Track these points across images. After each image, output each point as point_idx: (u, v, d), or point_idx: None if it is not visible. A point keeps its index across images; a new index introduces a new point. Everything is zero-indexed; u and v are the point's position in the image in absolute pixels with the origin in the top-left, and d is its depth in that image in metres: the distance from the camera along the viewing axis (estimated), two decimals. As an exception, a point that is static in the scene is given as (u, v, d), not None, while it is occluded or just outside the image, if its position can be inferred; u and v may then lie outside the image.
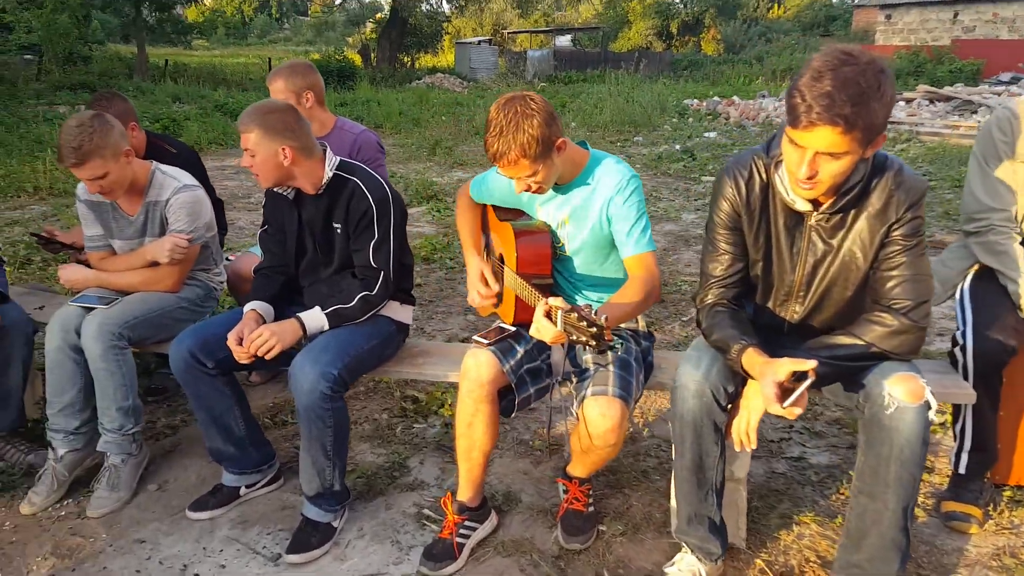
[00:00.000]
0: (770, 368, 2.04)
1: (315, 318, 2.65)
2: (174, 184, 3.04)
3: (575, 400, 2.44)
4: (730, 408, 2.28)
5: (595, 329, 1.95)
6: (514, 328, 2.60)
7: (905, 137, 13.34)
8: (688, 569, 2.44)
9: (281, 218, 2.85)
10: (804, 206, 2.15)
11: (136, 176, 3.00)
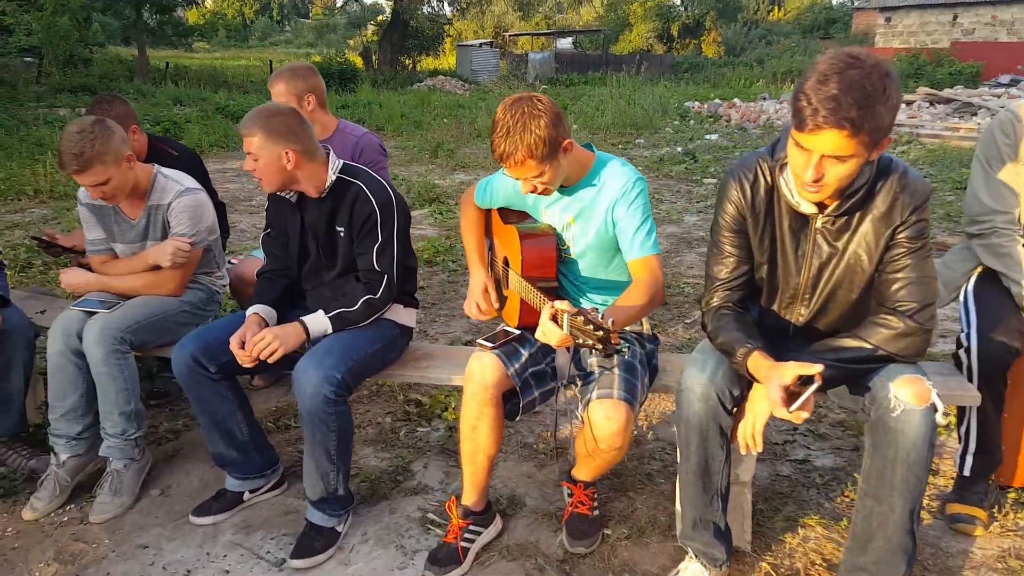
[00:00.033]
0: (776, 372, 2.03)
1: (318, 321, 2.64)
2: (176, 187, 3.03)
3: (580, 403, 2.44)
4: (735, 412, 2.27)
5: (601, 332, 1.94)
6: (518, 331, 2.59)
7: (906, 139, 13.34)
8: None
9: (284, 221, 2.84)
10: (809, 209, 2.15)
11: (138, 180, 2.99)
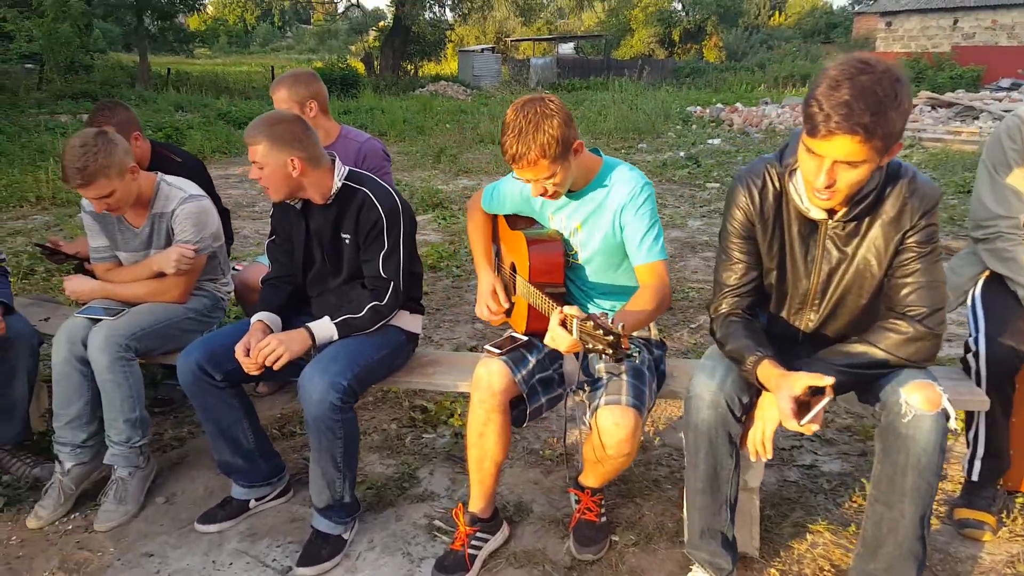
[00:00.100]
0: (786, 382, 2.02)
1: (324, 328, 2.63)
2: (180, 195, 3.03)
3: (588, 410, 2.42)
4: (744, 419, 2.25)
5: (611, 337, 1.93)
6: (526, 337, 2.58)
7: (908, 143, 13.33)
8: (701, 585, 2.42)
9: (289, 228, 2.83)
10: (819, 214, 2.14)
11: (141, 189, 2.98)
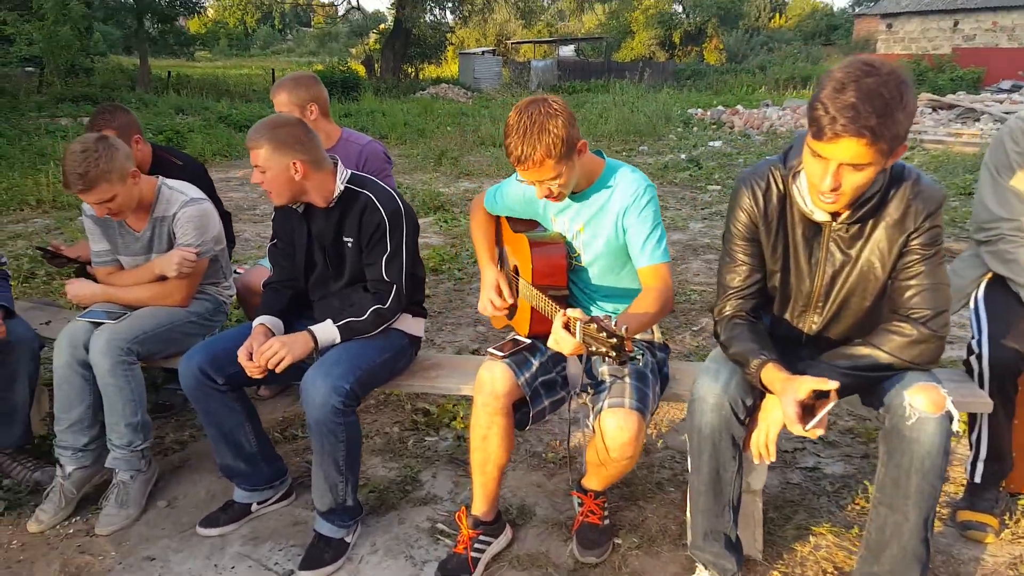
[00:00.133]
0: (791, 386, 2.02)
1: (327, 331, 2.63)
2: (181, 198, 3.02)
3: (591, 413, 2.42)
4: (748, 422, 2.25)
5: (615, 340, 1.92)
6: (529, 340, 2.57)
7: (909, 145, 13.29)
8: (705, 586, 2.41)
9: (290, 232, 2.82)
10: (822, 216, 2.14)
11: (142, 193, 2.97)
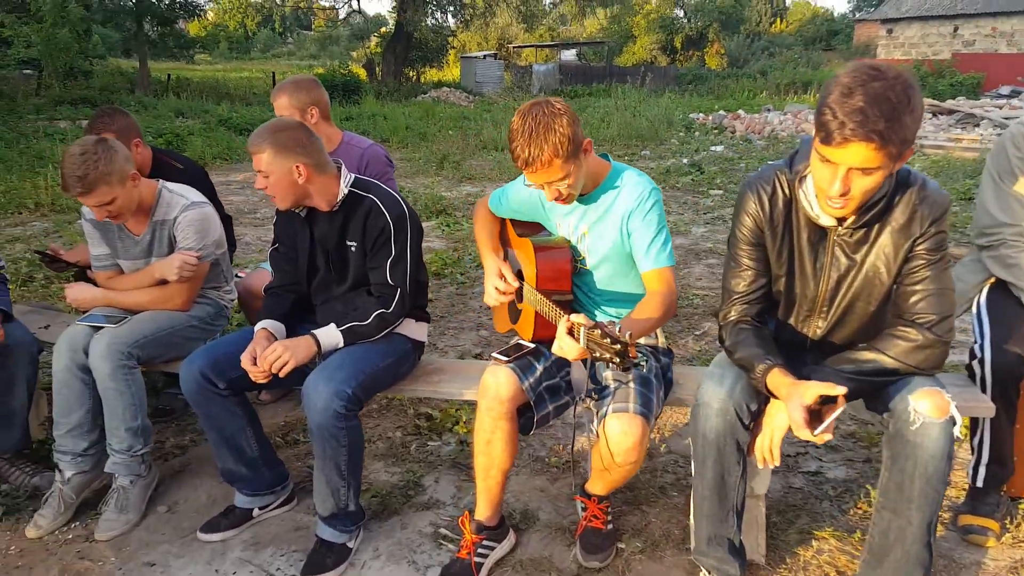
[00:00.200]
0: (797, 391, 2.01)
1: (330, 335, 2.61)
2: (182, 202, 3.01)
3: (596, 417, 2.40)
4: (752, 426, 2.24)
5: (619, 346, 1.91)
6: (533, 345, 2.56)
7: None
8: (708, 591, 2.41)
9: (293, 236, 2.81)
10: (829, 221, 2.13)
11: (142, 196, 2.96)
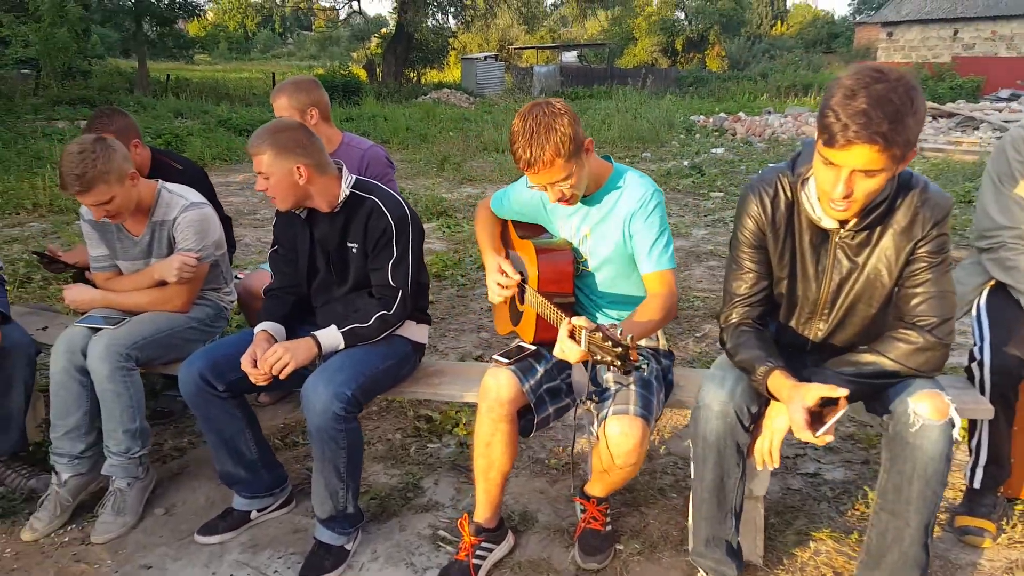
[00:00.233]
0: (799, 393, 2.01)
1: (331, 336, 2.61)
2: (181, 203, 2.99)
3: (596, 420, 2.40)
4: (752, 428, 2.24)
5: (620, 349, 1.91)
6: (534, 347, 2.56)
7: (910, 152, 13.33)
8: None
9: (293, 237, 2.80)
10: (831, 223, 2.13)
11: (141, 196, 2.94)
